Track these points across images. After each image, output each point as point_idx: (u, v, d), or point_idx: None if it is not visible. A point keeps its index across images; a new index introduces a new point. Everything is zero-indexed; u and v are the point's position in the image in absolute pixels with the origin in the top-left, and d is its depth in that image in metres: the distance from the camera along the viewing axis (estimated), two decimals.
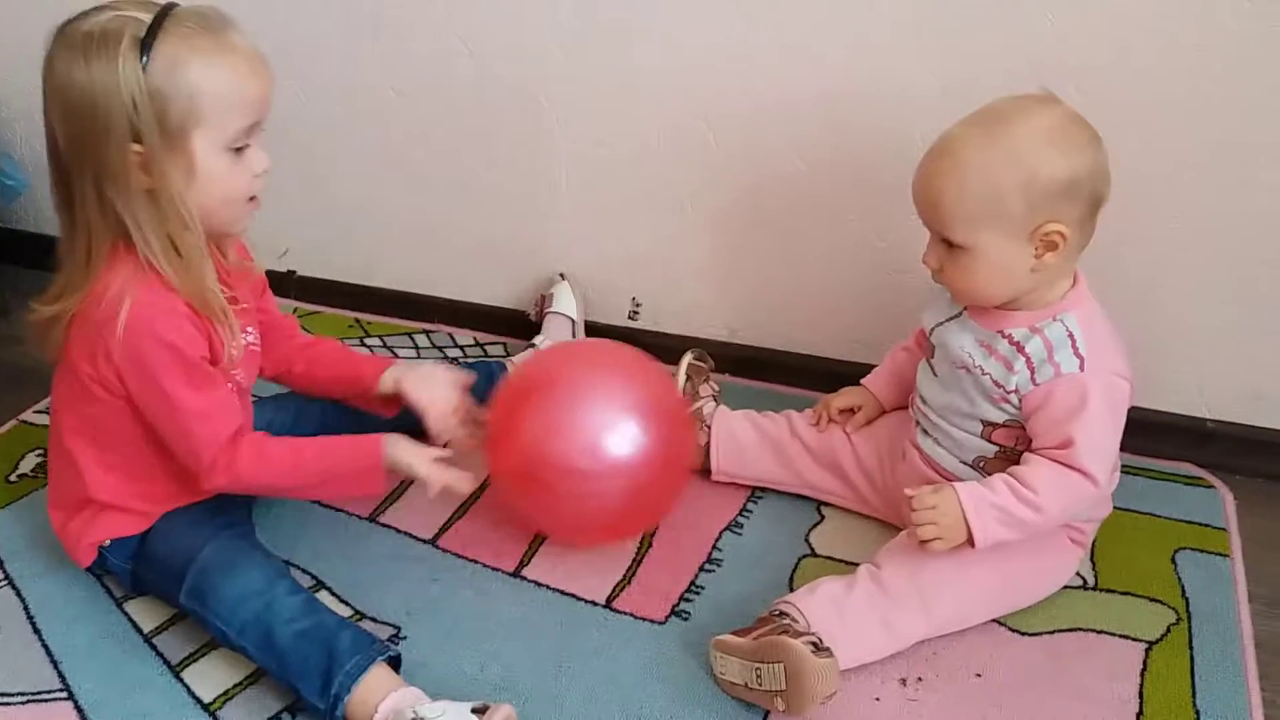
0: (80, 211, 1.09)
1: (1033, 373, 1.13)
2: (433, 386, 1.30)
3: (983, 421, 1.19)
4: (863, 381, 1.39)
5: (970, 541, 1.11)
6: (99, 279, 1.11)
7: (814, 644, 1.08)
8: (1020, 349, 1.14)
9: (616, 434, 1.21)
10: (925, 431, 1.27)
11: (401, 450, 1.20)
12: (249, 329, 1.24)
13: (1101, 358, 1.12)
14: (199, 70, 1.04)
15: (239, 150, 1.10)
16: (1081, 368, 1.11)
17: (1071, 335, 1.12)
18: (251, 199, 1.14)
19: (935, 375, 1.25)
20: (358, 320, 1.86)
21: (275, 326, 1.34)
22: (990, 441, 1.20)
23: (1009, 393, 1.15)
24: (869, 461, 1.36)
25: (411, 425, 1.28)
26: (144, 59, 1.02)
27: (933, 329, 1.24)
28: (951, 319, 1.22)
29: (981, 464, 1.21)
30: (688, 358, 1.51)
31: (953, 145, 1.11)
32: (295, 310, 1.89)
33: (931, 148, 1.13)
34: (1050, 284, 1.14)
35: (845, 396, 1.39)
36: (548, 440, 1.21)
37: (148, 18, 1.04)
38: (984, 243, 1.10)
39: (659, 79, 1.53)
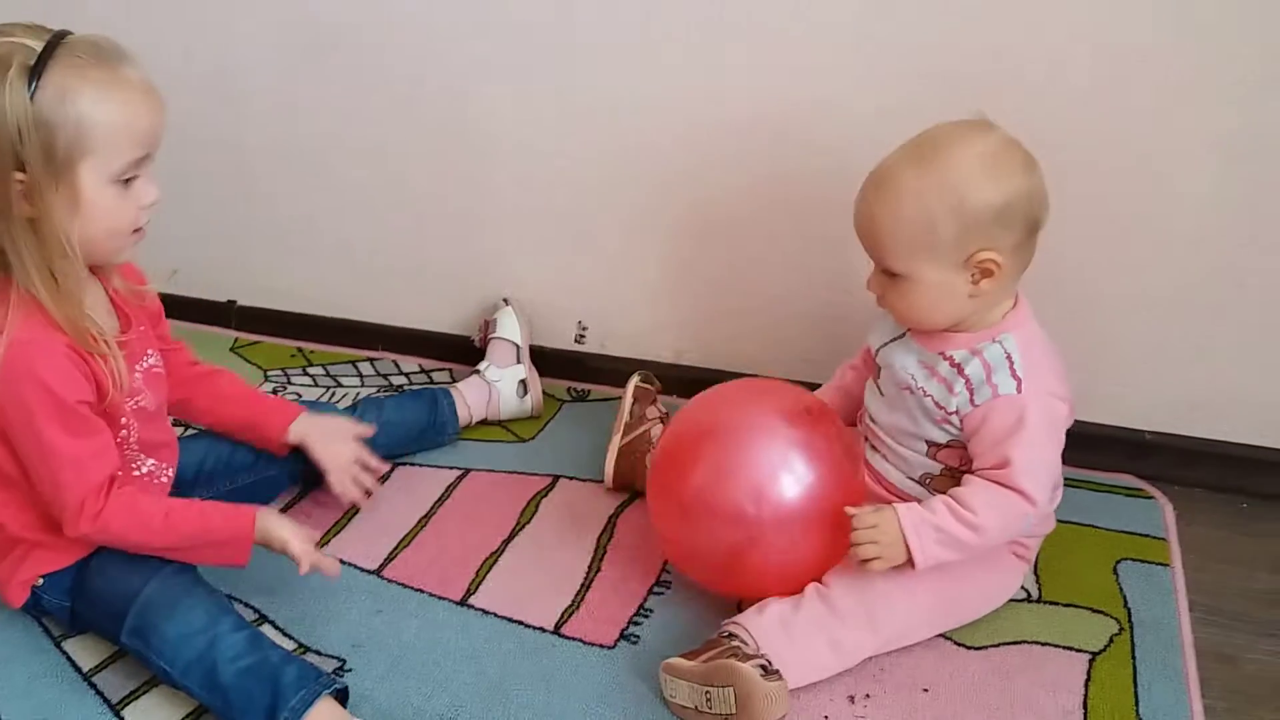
0: None
1: (971, 394, 1.14)
2: (334, 443, 1.35)
3: (927, 441, 1.20)
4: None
5: (910, 562, 1.12)
6: None
7: (763, 667, 1.09)
8: (960, 370, 1.15)
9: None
10: (874, 448, 1.28)
11: (273, 525, 1.20)
12: (149, 352, 1.23)
13: (1039, 379, 1.13)
14: (89, 101, 1.03)
15: (127, 182, 1.08)
16: (1019, 389, 1.12)
17: (1009, 357, 1.13)
18: (136, 230, 1.12)
19: (882, 395, 1.26)
20: (300, 349, 1.84)
21: (166, 353, 1.31)
22: (935, 460, 1.21)
23: (950, 414, 1.16)
24: None
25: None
26: (32, 87, 1.01)
27: (879, 349, 1.25)
28: (896, 339, 1.23)
29: (929, 481, 1.23)
30: (634, 380, 1.51)
31: (887, 175, 1.11)
32: (235, 341, 1.87)
33: (869, 177, 1.14)
34: (990, 307, 1.15)
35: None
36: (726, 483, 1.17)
37: (38, 45, 1.02)
38: (920, 271, 1.11)
39: (603, 102, 1.54)
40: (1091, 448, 1.51)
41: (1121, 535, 1.40)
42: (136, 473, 1.23)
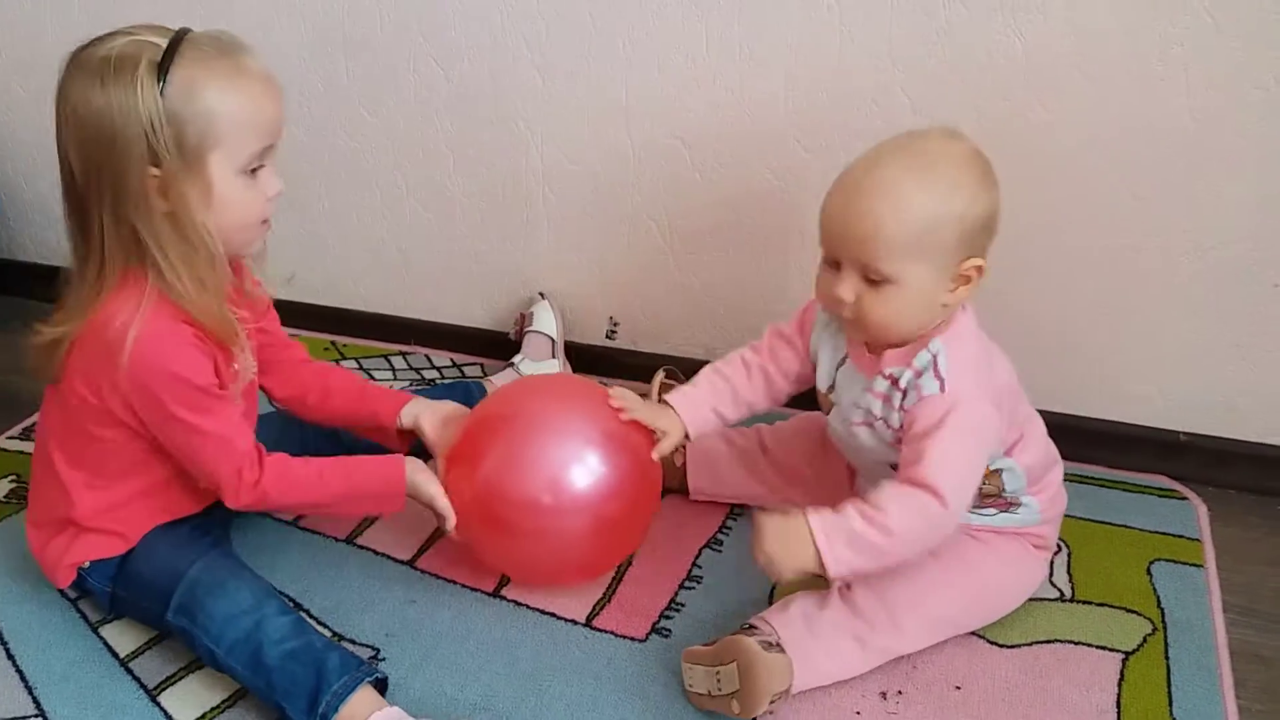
0: (95, 236, 1.08)
1: (902, 401, 1.12)
2: (449, 426, 1.31)
3: (891, 465, 1.17)
4: (675, 407, 1.27)
5: (821, 567, 1.07)
6: (104, 305, 1.10)
7: (766, 642, 1.09)
8: (895, 383, 1.13)
9: (581, 468, 1.19)
10: (863, 475, 1.28)
11: (423, 479, 1.21)
12: (252, 361, 1.25)
13: (964, 381, 1.10)
14: (215, 93, 1.05)
15: (253, 172, 1.10)
16: (941, 389, 1.10)
17: (935, 360, 1.11)
18: (264, 221, 1.14)
19: (839, 430, 1.23)
20: (334, 343, 1.86)
21: (280, 350, 1.33)
22: None
23: (897, 430, 1.14)
24: (829, 479, 1.36)
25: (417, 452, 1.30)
26: (161, 83, 1.02)
27: (832, 381, 1.23)
28: (841, 364, 1.21)
29: None
30: (659, 376, 1.51)
31: (887, 176, 1.08)
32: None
33: (856, 180, 1.10)
34: (933, 321, 1.13)
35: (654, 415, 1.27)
36: (507, 475, 1.19)
37: (163, 42, 1.04)
38: (910, 275, 1.08)
39: (635, 99, 1.55)
40: (1125, 448, 1.50)
41: (1155, 536, 1.39)
42: None
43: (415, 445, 1.34)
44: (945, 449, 1.08)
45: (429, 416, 1.32)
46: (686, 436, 1.26)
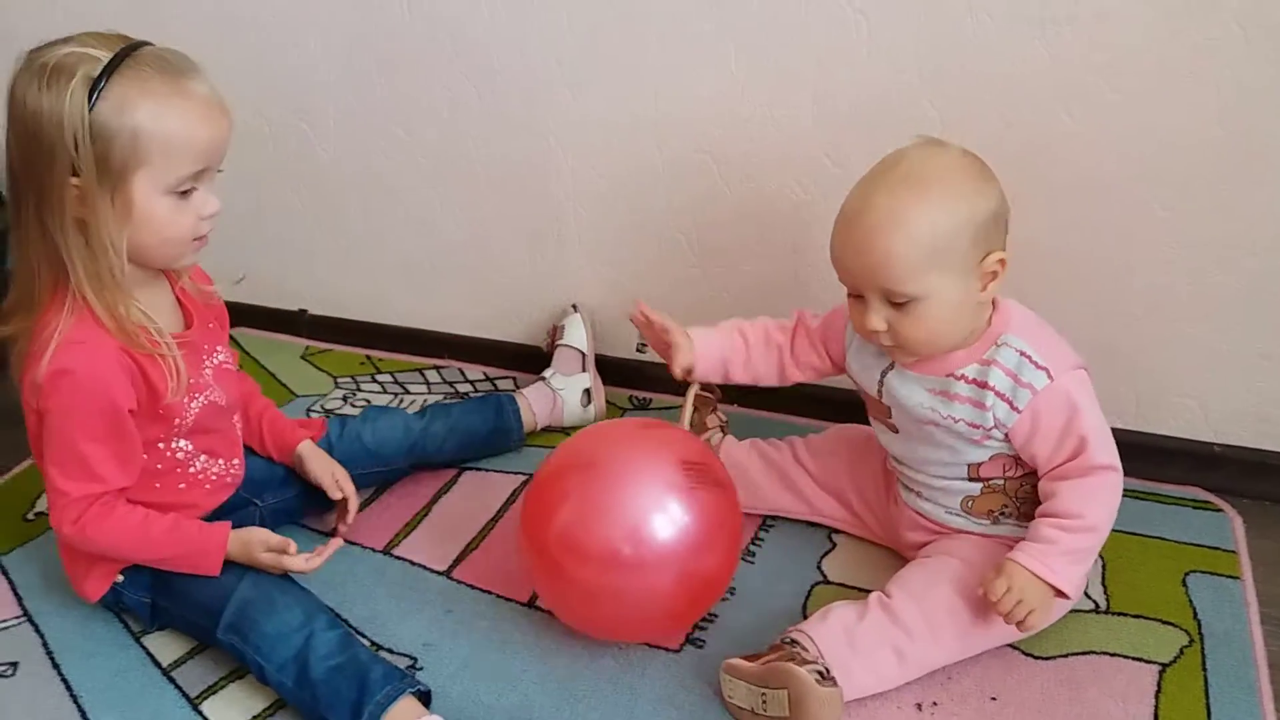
0: (24, 233, 1.10)
1: (1010, 402, 1.13)
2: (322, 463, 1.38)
3: (967, 464, 1.20)
4: (691, 334, 1.33)
5: (1061, 595, 1.12)
6: (44, 311, 1.12)
7: (820, 673, 1.09)
8: (983, 384, 1.14)
9: (664, 518, 1.14)
10: (907, 488, 1.29)
11: (247, 537, 1.21)
12: (219, 348, 1.26)
13: (1057, 359, 1.14)
14: (146, 113, 1.05)
15: (184, 194, 1.10)
16: (1050, 376, 1.12)
17: (1024, 353, 1.13)
18: (197, 239, 1.15)
19: (897, 432, 1.24)
20: (369, 357, 1.88)
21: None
22: (976, 479, 1.21)
23: (990, 429, 1.15)
24: (869, 491, 1.37)
25: None
26: (93, 97, 1.04)
27: (879, 387, 1.23)
28: (888, 371, 1.21)
29: (969, 506, 1.23)
30: (694, 388, 1.52)
31: (884, 204, 1.09)
32: (306, 349, 1.91)
33: (856, 214, 1.12)
34: (985, 315, 1.16)
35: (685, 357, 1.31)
36: (584, 526, 1.14)
37: (106, 56, 1.05)
38: (935, 287, 1.09)
39: (664, 115, 1.56)
40: (1159, 460, 1.50)
41: (1190, 547, 1.38)
42: (191, 469, 1.26)
43: None
44: (1093, 425, 1.12)
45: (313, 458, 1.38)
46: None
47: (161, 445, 1.22)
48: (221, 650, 1.21)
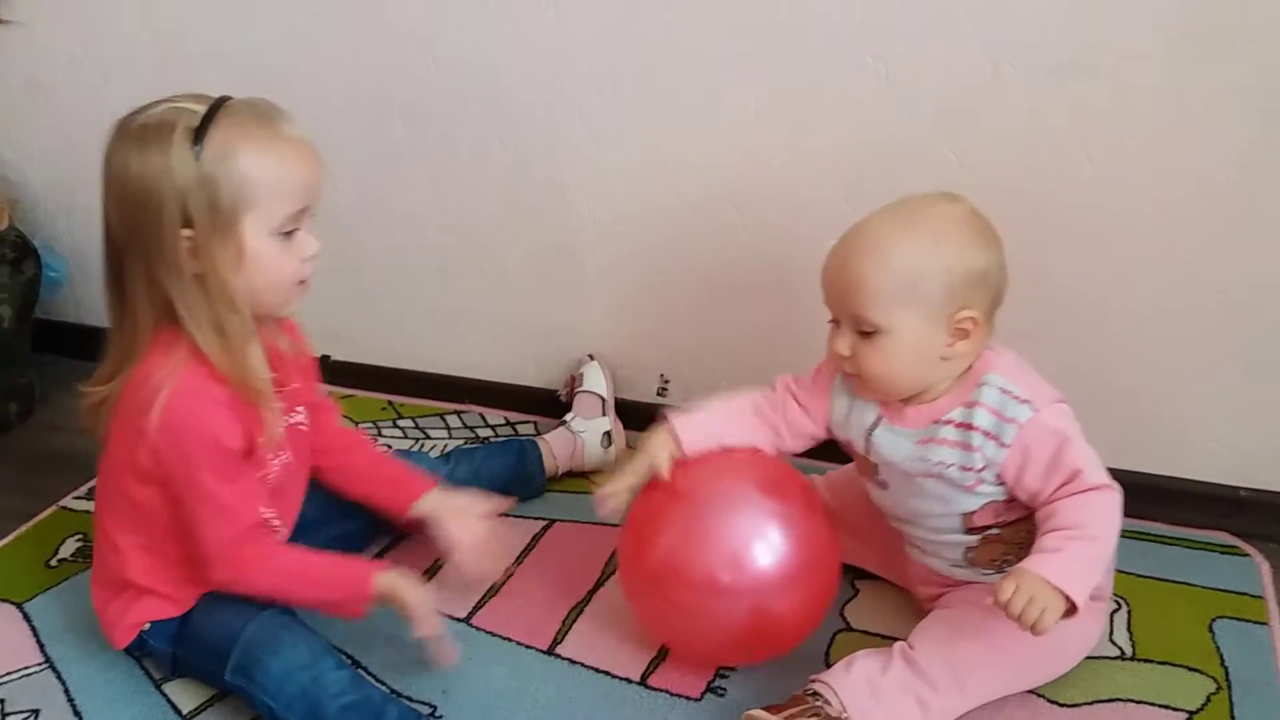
0: (130, 296, 1.13)
1: (998, 439, 1.12)
2: (464, 522, 1.32)
3: (961, 514, 1.19)
4: (675, 425, 1.27)
5: (1072, 606, 1.08)
6: (142, 364, 1.14)
7: None
8: (968, 426, 1.13)
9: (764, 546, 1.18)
10: (911, 544, 1.28)
11: (397, 585, 1.21)
12: (298, 409, 1.27)
13: (1038, 393, 1.13)
14: (249, 157, 1.08)
15: (288, 234, 1.13)
16: (1034, 409, 1.12)
17: (1005, 390, 1.12)
18: (300, 282, 1.17)
19: (887, 488, 1.24)
20: (390, 402, 1.89)
21: (315, 411, 1.35)
22: (972, 531, 1.20)
23: (980, 471, 1.14)
24: (884, 528, 1.35)
25: None
26: (197, 147, 1.06)
27: (866, 444, 1.23)
28: (876, 427, 1.21)
29: (971, 557, 1.22)
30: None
31: (871, 232, 1.13)
32: (329, 394, 1.91)
33: (847, 237, 1.15)
34: (952, 376, 1.15)
35: (636, 472, 1.26)
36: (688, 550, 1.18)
37: (201, 109, 1.09)
38: (901, 324, 1.10)
39: (684, 162, 1.57)
40: (1185, 505, 1.49)
41: (1217, 593, 1.37)
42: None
43: None
44: (1078, 452, 1.11)
45: (442, 512, 1.34)
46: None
47: None
48: (236, 696, 1.21)
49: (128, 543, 1.23)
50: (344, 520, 1.40)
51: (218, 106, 1.10)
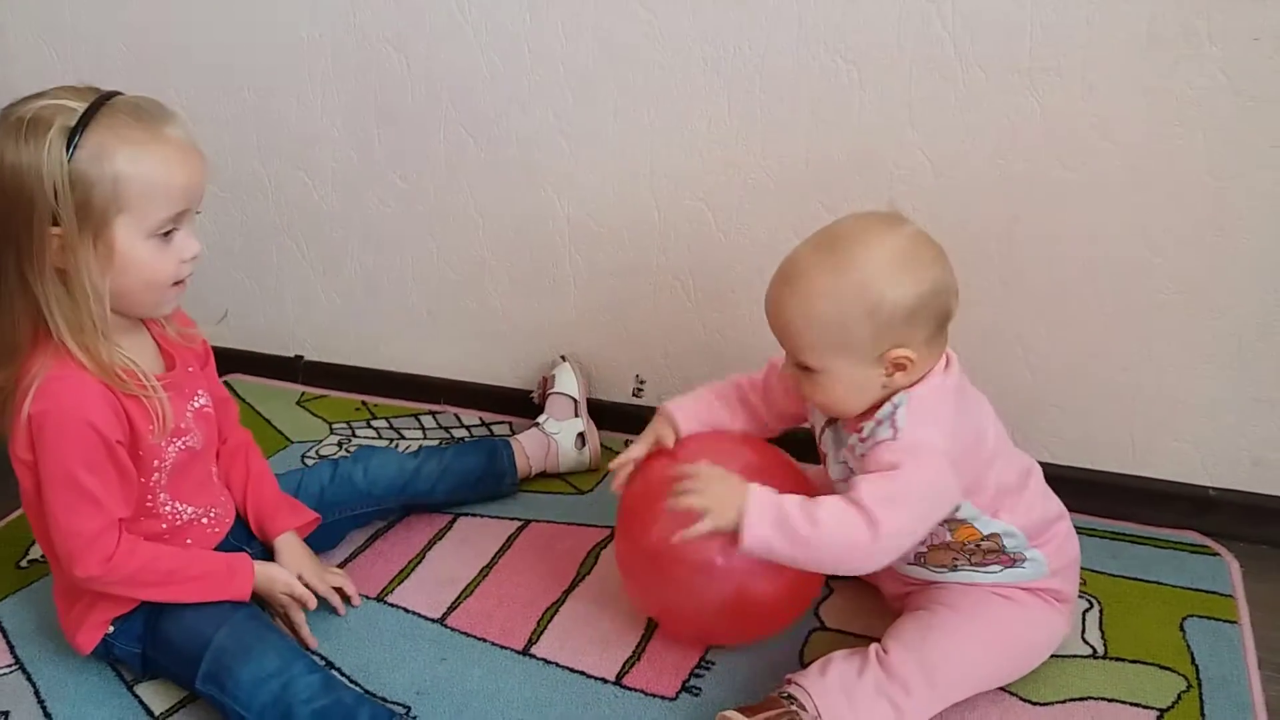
0: (4, 287, 1.11)
1: (865, 455, 1.14)
2: (297, 565, 1.33)
3: None
4: (670, 409, 1.30)
5: (737, 532, 1.08)
6: (25, 360, 1.13)
7: None
8: (861, 437, 1.15)
9: None
10: None
11: (274, 570, 1.28)
12: (199, 392, 1.27)
13: (919, 433, 1.11)
14: (124, 159, 1.07)
15: (165, 235, 1.12)
16: (894, 436, 1.11)
17: (895, 411, 1.12)
18: (177, 283, 1.16)
19: (834, 488, 1.24)
20: (364, 403, 1.88)
21: (216, 402, 1.33)
22: None
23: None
24: None
25: None
26: (70, 146, 1.05)
27: (820, 433, 1.25)
28: (829, 424, 1.23)
29: (922, 560, 1.23)
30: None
31: (799, 273, 1.11)
32: (302, 394, 1.91)
33: (779, 271, 1.14)
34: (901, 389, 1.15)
35: (644, 444, 1.29)
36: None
37: (81, 107, 1.07)
38: (833, 367, 1.11)
39: (658, 162, 1.58)
40: (1155, 504, 1.50)
41: (1187, 592, 1.38)
42: (178, 520, 1.26)
43: None
44: (891, 487, 1.09)
45: (287, 555, 1.34)
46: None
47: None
48: (205, 702, 1.20)
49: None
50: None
51: (98, 106, 1.08)
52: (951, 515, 1.16)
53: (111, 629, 1.24)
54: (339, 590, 1.35)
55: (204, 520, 1.29)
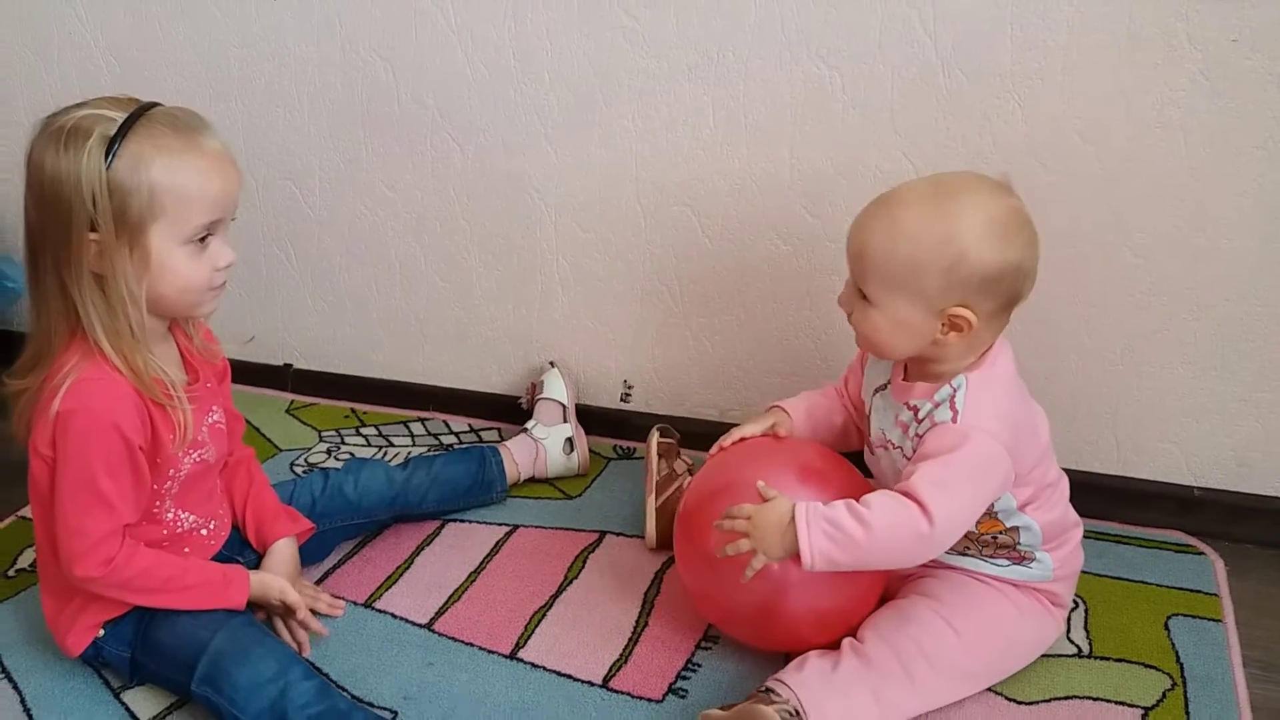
0: (41, 291, 1.13)
1: (918, 429, 1.15)
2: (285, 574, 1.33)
3: None
4: (781, 405, 1.34)
5: (796, 556, 1.10)
6: (56, 361, 1.14)
7: (788, 713, 1.09)
8: (916, 414, 1.16)
9: None
10: None
11: (268, 578, 1.28)
12: (214, 408, 1.28)
13: (980, 418, 1.12)
14: (161, 168, 1.09)
15: (201, 242, 1.14)
16: (954, 419, 1.12)
17: (955, 393, 1.13)
18: (213, 288, 1.18)
19: (872, 454, 1.27)
20: (353, 410, 1.89)
21: (226, 417, 1.34)
22: None
23: (909, 457, 1.16)
24: None
25: None
26: (109, 156, 1.07)
27: (870, 401, 1.26)
28: (878, 391, 1.24)
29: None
30: (654, 437, 1.51)
31: (897, 203, 1.12)
32: (291, 403, 1.91)
33: (880, 199, 1.15)
34: (956, 359, 1.15)
35: (759, 424, 1.31)
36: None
37: (120, 117, 1.09)
38: (892, 305, 1.12)
39: (644, 169, 1.59)
40: (1140, 504, 1.51)
41: (1172, 591, 1.39)
42: (179, 529, 1.26)
43: None
44: (944, 472, 1.10)
45: (275, 562, 1.34)
46: None
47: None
48: (200, 705, 1.20)
49: None
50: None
51: (137, 116, 1.10)
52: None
53: (102, 632, 1.24)
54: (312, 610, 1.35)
55: (203, 531, 1.30)
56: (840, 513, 1.10)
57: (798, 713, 1.10)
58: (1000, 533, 1.19)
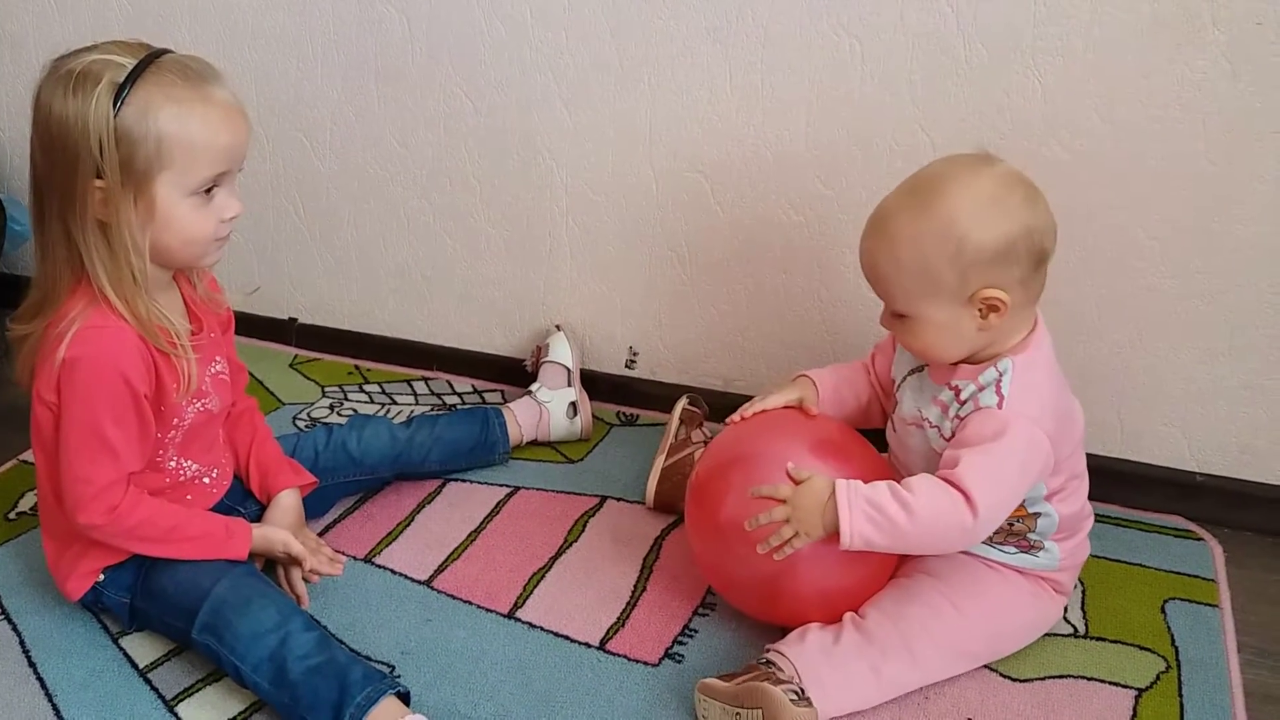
0: (46, 236, 1.13)
1: (959, 410, 1.14)
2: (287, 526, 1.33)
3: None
4: (809, 374, 1.32)
5: (836, 536, 1.10)
6: (61, 307, 1.14)
7: (795, 693, 1.09)
8: (958, 395, 1.15)
9: None
10: None
11: (270, 530, 1.29)
12: (218, 358, 1.28)
13: (1024, 404, 1.11)
14: (169, 117, 1.08)
15: (208, 192, 1.13)
16: (999, 405, 1.11)
17: (1000, 378, 1.12)
18: (217, 239, 1.17)
19: (896, 431, 1.26)
20: (357, 367, 1.88)
21: (230, 368, 1.34)
22: None
23: (948, 438, 1.16)
24: None
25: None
26: (118, 103, 1.06)
27: (900, 382, 1.25)
28: (914, 372, 1.23)
29: None
30: (682, 402, 1.53)
31: (885, 218, 1.12)
32: (295, 357, 1.91)
33: (868, 220, 1.14)
34: (1004, 338, 1.14)
35: (785, 395, 1.29)
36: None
37: (130, 63, 1.08)
38: (925, 311, 1.11)
39: (658, 133, 1.57)
40: (1141, 488, 1.51)
41: (1170, 575, 1.39)
42: (181, 477, 1.27)
43: None
44: (990, 462, 1.09)
45: (277, 515, 1.34)
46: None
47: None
48: (198, 652, 1.20)
49: None
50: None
51: (147, 63, 1.09)
52: None
53: (102, 577, 1.25)
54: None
55: (205, 480, 1.30)
56: (883, 495, 1.10)
57: (803, 691, 1.10)
58: (1020, 519, 1.19)
